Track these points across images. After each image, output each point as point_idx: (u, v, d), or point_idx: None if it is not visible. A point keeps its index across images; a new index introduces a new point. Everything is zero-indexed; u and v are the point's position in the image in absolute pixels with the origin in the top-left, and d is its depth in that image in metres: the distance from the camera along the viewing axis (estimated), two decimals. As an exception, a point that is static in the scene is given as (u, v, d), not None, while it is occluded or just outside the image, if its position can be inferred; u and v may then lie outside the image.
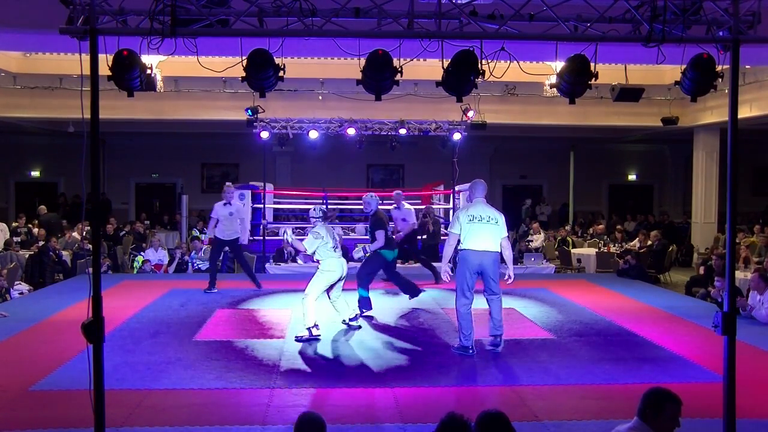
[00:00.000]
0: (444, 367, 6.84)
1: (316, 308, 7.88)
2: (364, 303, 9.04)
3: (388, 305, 9.86)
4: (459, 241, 7.29)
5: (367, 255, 9.12)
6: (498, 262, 7.26)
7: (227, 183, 11.45)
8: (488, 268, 7.17)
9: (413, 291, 9.82)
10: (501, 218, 7.27)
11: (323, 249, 7.90)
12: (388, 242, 9.12)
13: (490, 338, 7.46)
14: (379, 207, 9.20)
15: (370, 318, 8.96)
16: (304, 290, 7.95)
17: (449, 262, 7.51)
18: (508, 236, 7.35)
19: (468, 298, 7.22)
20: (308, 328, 7.80)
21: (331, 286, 8.06)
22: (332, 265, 7.91)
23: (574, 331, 8.46)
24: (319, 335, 7.83)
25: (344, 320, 8.29)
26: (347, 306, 8.34)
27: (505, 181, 24.20)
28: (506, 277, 7.30)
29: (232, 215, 10.90)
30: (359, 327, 8.35)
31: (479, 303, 7.47)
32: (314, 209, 8.50)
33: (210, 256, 11.57)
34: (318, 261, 7.99)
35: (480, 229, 7.15)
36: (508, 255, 7.32)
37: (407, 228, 11.81)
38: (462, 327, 7.25)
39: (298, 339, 7.75)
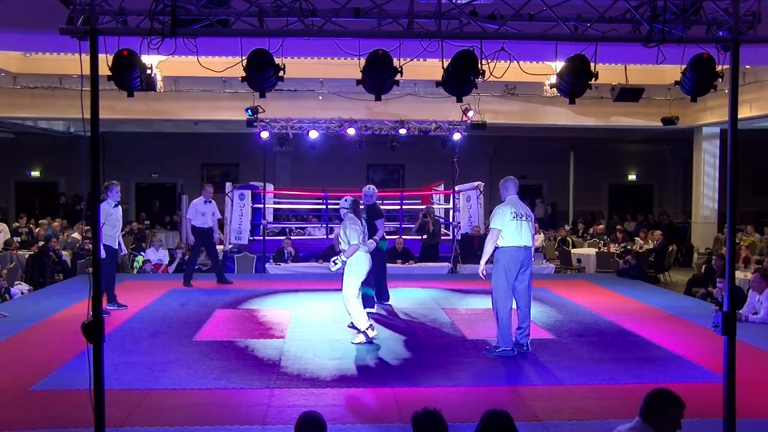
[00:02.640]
0: (444, 367, 6.84)
1: (359, 307, 7.75)
2: (369, 302, 9.10)
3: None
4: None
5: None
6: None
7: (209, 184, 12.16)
8: (528, 263, 7.23)
9: (383, 296, 9.77)
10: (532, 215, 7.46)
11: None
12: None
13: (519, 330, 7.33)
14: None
15: (373, 314, 8.95)
16: (340, 291, 7.81)
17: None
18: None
19: (511, 299, 7.20)
20: (363, 332, 7.62)
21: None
22: (361, 259, 7.73)
23: (574, 331, 8.46)
24: (375, 336, 7.67)
25: (367, 328, 7.74)
26: (362, 314, 7.92)
27: (505, 181, 24.16)
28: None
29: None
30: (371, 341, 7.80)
31: (480, 303, 7.45)
32: (345, 200, 8.12)
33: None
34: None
35: (522, 226, 7.16)
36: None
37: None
38: (504, 328, 7.14)
39: (369, 338, 7.63)
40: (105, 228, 8.99)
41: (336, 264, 7.76)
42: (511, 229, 7.12)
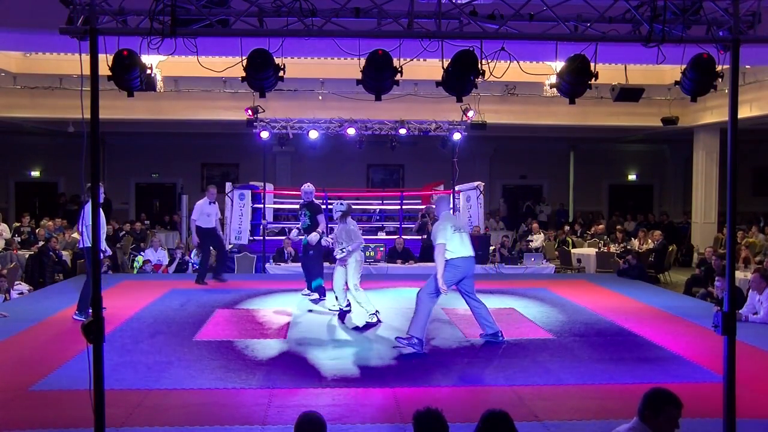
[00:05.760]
0: (444, 367, 6.84)
1: (364, 294, 8.76)
2: (323, 291, 9.78)
3: (388, 305, 9.85)
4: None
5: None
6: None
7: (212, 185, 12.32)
8: (472, 271, 7.63)
9: (320, 292, 9.97)
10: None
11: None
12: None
13: (488, 336, 7.67)
14: None
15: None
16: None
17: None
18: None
19: (436, 300, 7.54)
20: (374, 313, 8.71)
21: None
22: (361, 255, 9.00)
23: (574, 331, 8.46)
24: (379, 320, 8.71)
25: (376, 312, 8.80)
26: (368, 299, 8.84)
27: (505, 181, 24.20)
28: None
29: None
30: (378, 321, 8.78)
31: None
32: (340, 203, 9.18)
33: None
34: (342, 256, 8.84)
35: (463, 238, 7.53)
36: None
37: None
38: (421, 321, 7.38)
39: (366, 325, 8.56)
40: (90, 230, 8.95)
41: (342, 252, 8.82)
42: (455, 241, 7.43)
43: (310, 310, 9.59)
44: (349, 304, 9.23)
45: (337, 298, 9.21)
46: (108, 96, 5.51)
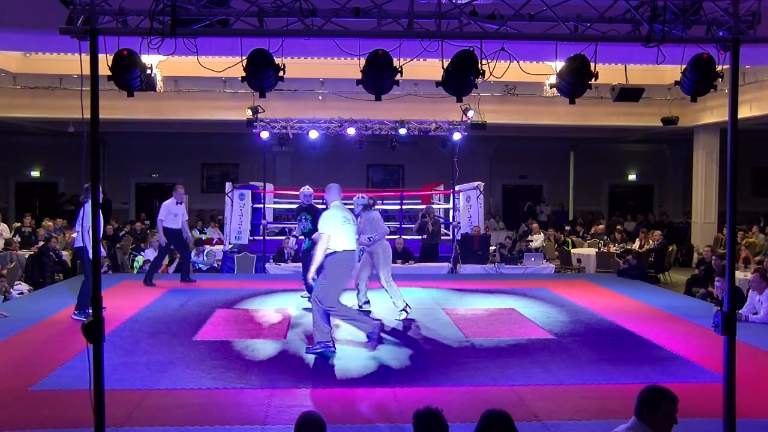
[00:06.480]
0: (444, 367, 6.84)
1: (396, 288, 9.03)
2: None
3: (387, 305, 9.84)
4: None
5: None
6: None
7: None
8: (354, 265, 7.64)
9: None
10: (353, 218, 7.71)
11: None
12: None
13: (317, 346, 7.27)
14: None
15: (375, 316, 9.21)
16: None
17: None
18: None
19: (340, 300, 7.30)
20: (404, 309, 8.94)
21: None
22: (389, 248, 9.36)
23: (574, 331, 8.46)
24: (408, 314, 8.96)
25: (406, 306, 9.03)
26: (400, 294, 9.05)
27: (505, 181, 24.21)
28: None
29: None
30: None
31: (481, 303, 7.45)
32: (361, 197, 9.49)
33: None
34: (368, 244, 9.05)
35: (350, 231, 7.36)
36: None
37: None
38: (323, 325, 7.14)
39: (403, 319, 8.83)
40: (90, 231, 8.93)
41: (369, 240, 9.07)
42: (342, 234, 7.20)
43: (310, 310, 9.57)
44: (367, 302, 9.47)
45: (358, 293, 9.39)
46: (108, 96, 5.52)
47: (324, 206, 8.07)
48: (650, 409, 3.59)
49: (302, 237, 9.92)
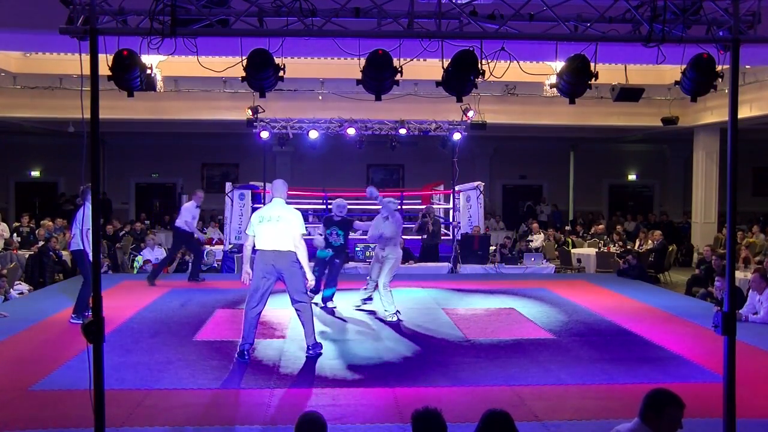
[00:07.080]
0: (444, 367, 6.84)
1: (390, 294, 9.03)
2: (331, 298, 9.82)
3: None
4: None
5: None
6: (296, 264, 7.05)
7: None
8: (284, 270, 6.98)
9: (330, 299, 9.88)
10: (294, 216, 7.09)
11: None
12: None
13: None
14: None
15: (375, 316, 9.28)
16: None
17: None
18: (302, 235, 7.08)
19: (259, 302, 6.99)
20: (394, 314, 8.89)
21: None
22: (399, 252, 9.35)
23: (574, 331, 8.46)
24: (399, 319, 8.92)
25: (396, 312, 8.97)
26: (392, 301, 9.03)
27: (505, 181, 24.21)
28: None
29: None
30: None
31: (481, 303, 7.44)
32: (391, 201, 9.60)
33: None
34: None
35: (269, 229, 6.98)
36: (302, 255, 7.07)
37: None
38: (244, 331, 7.00)
39: (395, 321, 8.81)
40: (89, 233, 8.88)
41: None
42: (260, 232, 7.00)
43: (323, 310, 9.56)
44: (370, 299, 9.64)
45: (368, 284, 9.59)
46: (108, 96, 5.51)
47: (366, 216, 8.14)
48: (655, 414, 3.56)
49: (328, 250, 9.54)
